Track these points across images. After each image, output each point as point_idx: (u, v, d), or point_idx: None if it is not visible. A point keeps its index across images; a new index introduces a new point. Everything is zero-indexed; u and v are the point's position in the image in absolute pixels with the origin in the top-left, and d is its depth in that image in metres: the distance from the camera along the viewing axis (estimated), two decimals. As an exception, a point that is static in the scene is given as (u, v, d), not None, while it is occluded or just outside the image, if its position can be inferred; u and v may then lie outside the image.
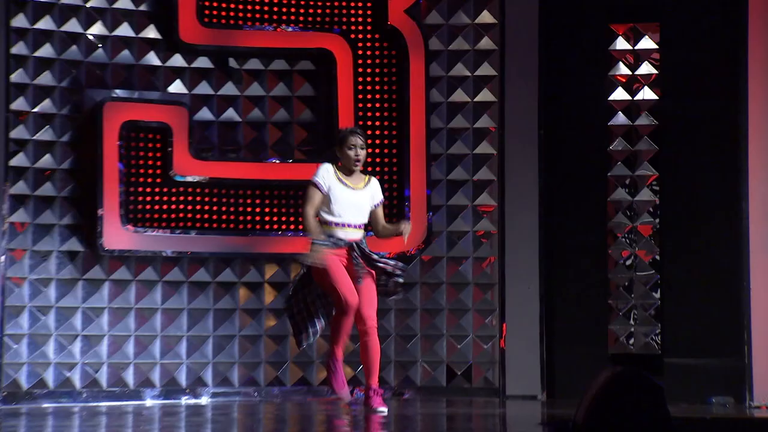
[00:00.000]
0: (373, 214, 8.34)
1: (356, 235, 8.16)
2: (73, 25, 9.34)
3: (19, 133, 9.14)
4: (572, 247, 9.70)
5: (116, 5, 9.46)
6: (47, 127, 9.26)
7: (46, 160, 9.23)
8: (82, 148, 9.30)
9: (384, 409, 8.07)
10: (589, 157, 9.73)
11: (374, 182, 8.35)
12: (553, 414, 8.05)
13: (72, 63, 9.33)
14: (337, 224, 8.09)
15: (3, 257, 9.10)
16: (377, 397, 8.15)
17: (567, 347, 9.67)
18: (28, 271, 9.16)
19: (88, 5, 9.35)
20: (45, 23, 9.27)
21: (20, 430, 6.85)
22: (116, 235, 9.28)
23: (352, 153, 8.12)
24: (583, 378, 8.87)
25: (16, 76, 9.07)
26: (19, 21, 9.11)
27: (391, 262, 8.22)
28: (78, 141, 9.29)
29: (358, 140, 8.16)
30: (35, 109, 9.20)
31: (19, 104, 9.10)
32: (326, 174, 8.12)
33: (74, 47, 9.32)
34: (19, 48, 9.09)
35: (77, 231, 9.29)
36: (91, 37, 9.37)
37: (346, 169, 8.19)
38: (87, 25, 9.39)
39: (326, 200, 8.09)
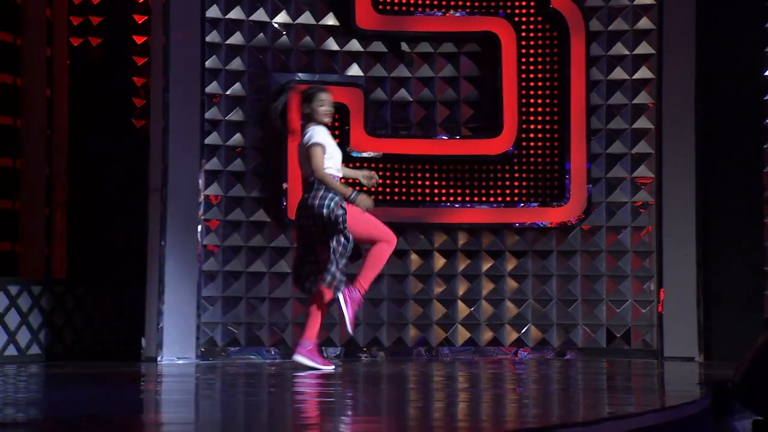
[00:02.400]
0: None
1: None
2: (260, 15, 9.15)
3: (213, 114, 8.99)
4: (728, 216, 9.21)
5: None
6: (237, 108, 9.08)
7: (236, 139, 9.05)
8: (268, 128, 9.02)
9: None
10: (744, 131, 9.23)
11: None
12: (711, 375, 7.72)
13: (259, 49, 9.13)
14: (339, 178, 7.87)
15: (200, 227, 9.16)
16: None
17: (723, 312, 9.17)
18: (221, 240, 9.02)
19: None
20: (236, 13, 9.06)
21: (216, 384, 6.83)
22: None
23: (323, 108, 7.78)
24: (740, 342, 8.43)
25: (211, 62, 8.92)
26: (213, 12, 8.96)
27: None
28: (264, 121, 9.02)
29: (329, 96, 7.81)
30: (227, 92, 9.02)
31: (212, 88, 8.94)
32: (325, 134, 7.81)
33: (261, 35, 9.13)
34: (213, 36, 8.94)
35: (264, 203, 9.11)
36: (276, 25, 9.18)
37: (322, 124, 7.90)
38: (273, 14, 9.19)
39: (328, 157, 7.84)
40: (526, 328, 9.59)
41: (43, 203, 9.53)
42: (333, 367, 7.89)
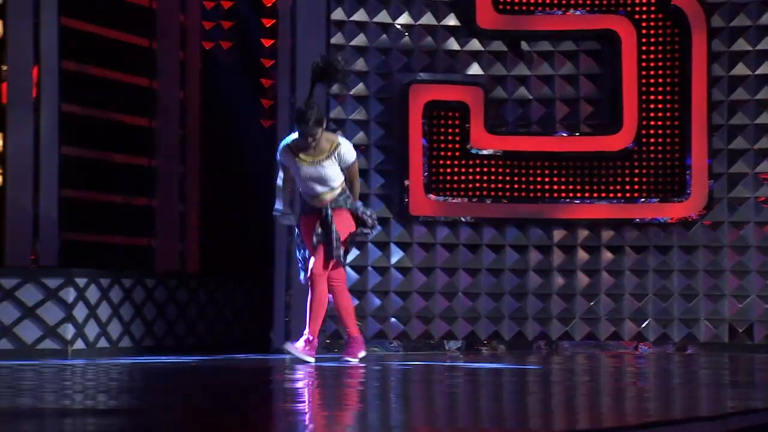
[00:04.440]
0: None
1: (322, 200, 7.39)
2: (383, 17, 8.77)
3: (337, 113, 8.68)
4: None
5: None
6: (360, 107, 8.76)
7: (360, 137, 8.68)
8: (391, 126, 8.77)
9: (352, 360, 7.48)
10: None
11: (340, 148, 7.37)
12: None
13: (382, 50, 8.78)
14: (304, 194, 7.45)
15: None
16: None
17: None
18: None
19: None
20: (360, 15, 8.73)
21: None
22: (421, 203, 8.74)
23: (301, 142, 7.30)
24: None
25: None
26: (338, 14, 8.65)
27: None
28: (387, 120, 8.78)
29: (308, 131, 7.22)
30: (350, 92, 8.71)
31: (337, 88, 8.50)
32: (282, 153, 7.47)
33: (384, 36, 8.78)
34: (337, 38, 8.64)
35: (386, 199, 8.77)
36: (399, 27, 8.81)
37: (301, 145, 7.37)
38: (396, 16, 8.81)
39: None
40: (646, 323, 9.07)
41: (177, 200, 9.48)
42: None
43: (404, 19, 8.89)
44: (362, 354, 7.59)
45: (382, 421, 4.10)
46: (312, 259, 7.37)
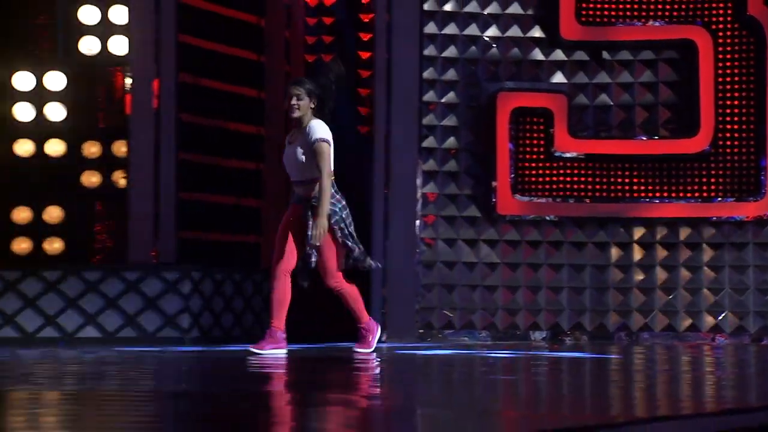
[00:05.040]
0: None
1: (305, 190, 6.72)
2: (472, 30, 8.83)
3: (429, 120, 8.76)
4: None
5: (508, 11, 8.89)
6: (451, 114, 8.82)
7: (450, 142, 8.76)
8: (479, 132, 8.82)
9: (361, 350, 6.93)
10: None
11: (310, 127, 6.69)
12: None
13: (471, 61, 8.83)
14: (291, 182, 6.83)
15: (418, 221, 9.07)
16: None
17: None
18: (437, 233, 8.77)
19: (485, 12, 8.85)
20: (450, 29, 8.80)
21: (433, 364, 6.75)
22: (507, 203, 8.78)
23: (286, 103, 6.76)
24: None
25: (427, 74, 8.70)
26: (430, 28, 8.73)
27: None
28: (476, 126, 8.83)
29: (292, 89, 6.74)
30: (442, 100, 8.77)
31: (429, 96, 8.71)
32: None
33: (473, 48, 8.83)
34: (429, 50, 8.73)
35: (475, 200, 8.81)
36: (486, 39, 8.88)
37: (294, 125, 6.79)
38: (484, 28, 8.88)
39: None
40: (723, 315, 9.04)
41: (282, 202, 9.64)
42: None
43: (492, 31, 8.95)
44: (278, 351, 6.85)
45: (470, 405, 4.14)
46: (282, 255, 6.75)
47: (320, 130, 6.69)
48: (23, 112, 8.66)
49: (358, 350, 7.05)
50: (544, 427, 3.42)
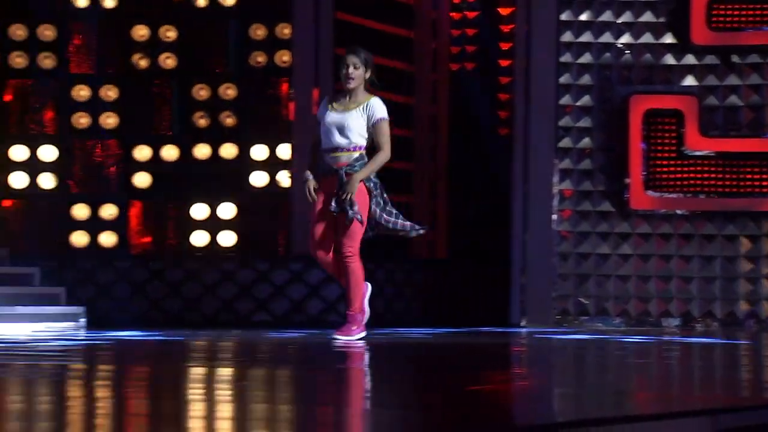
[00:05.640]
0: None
1: (344, 159, 6.22)
2: (607, 37, 8.91)
3: (565, 122, 8.85)
4: None
5: (641, 19, 8.90)
6: (586, 116, 8.90)
7: (585, 142, 8.85)
8: (612, 132, 8.88)
9: (342, 338, 6.30)
10: None
11: (371, 102, 6.28)
12: None
13: (605, 66, 8.91)
14: (325, 150, 6.29)
15: (554, 216, 9.04)
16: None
17: None
18: (573, 227, 8.86)
19: (619, 21, 8.88)
20: (586, 37, 8.89)
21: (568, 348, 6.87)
22: (640, 199, 8.83)
23: (343, 72, 6.30)
24: None
25: (563, 79, 8.80)
26: (567, 37, 8.83)
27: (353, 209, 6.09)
28: (609, 127, 8.90)
29: (351, 57, 6.28)
30: (577, 103, 8.86)
31: (565, 100, 8.82)
32: (321, 107, 6.44)
33: (607, 54, 8.90)
34: (566, 57, 8.83)
35: (609, 196, 8.86)
36: (620, 45, 8.93)
37: (343, 93, 6.32)
38: (617, 36, 8.93)
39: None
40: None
41: (429, 197, 9.88)
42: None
43: (626, 38, 9.00)
44: (360, 334, 6.38)
45: (605, 386, 4.24)
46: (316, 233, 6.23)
47: (382, 109, 6.32)
48: (202, 120, 9.08)
49: (338, 337, 6.38)
50: (675, 408, 3.47)
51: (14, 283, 8.09)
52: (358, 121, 6.23)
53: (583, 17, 8.95)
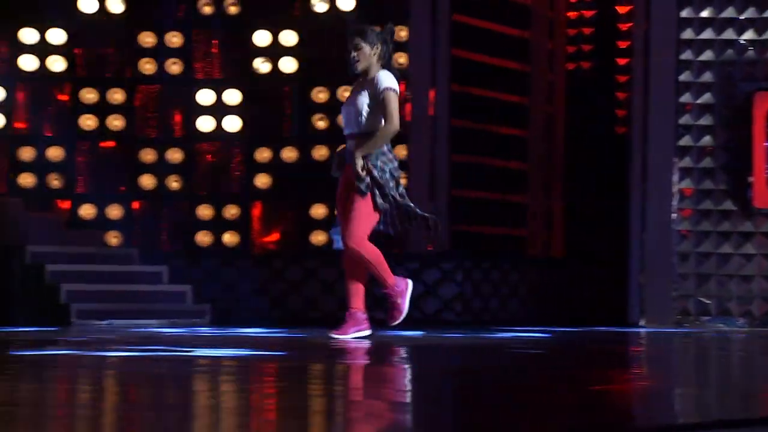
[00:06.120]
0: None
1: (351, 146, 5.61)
2: (729, 34, 8.37)
3: (685, 120, 8.35)
4: None
5: (765, 15, 8.38)
6: (707, 114, 8.39)
7: (706, 140, 8.31)
8: (735, 130, 8.33)
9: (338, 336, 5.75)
10: None
11: (377, 78, 5.63)
12: None
13: (727, 63, 8.37)
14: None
15: (674, 215, 8.87)
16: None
17: None
18: (693, 226, 8.39)
19: (742, 17, 8.38)
20: (707, 34, 8.40)
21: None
22: (764, 197, 8.30)
23: (349, 56, 5.69)
24: None
25: (684, 77, 8.33)
26: (687, 34, 8.36)
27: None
28: (731, 124, 8.34)
29: (352, 39, 5.71)
30: (698, 101, 8.36)
31: (685, 98, 8.32)
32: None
33: (730, 51, 8.36)
34: (686, 55, 8.35)
35: (731, 194, 8.34)
36: (743, 42, 8.38)
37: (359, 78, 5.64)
38: (740, 32, 8.40)
39: None
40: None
41: (544, 197, 9.70)
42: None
43: (749, 35, 8.61)
44: (357, 333, 5.88)
45: (730, 386, 4.00)
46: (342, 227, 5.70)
47: (388, 79, 5.62)
48: (320, 122, 9.11)
49: (334, 336, 5.88)
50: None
51: (144, 282, 8.17)
52: (371, 103, 5.59)
53: (705, 14, 8.56)
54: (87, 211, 8.91)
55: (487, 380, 4.12)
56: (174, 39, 8.93)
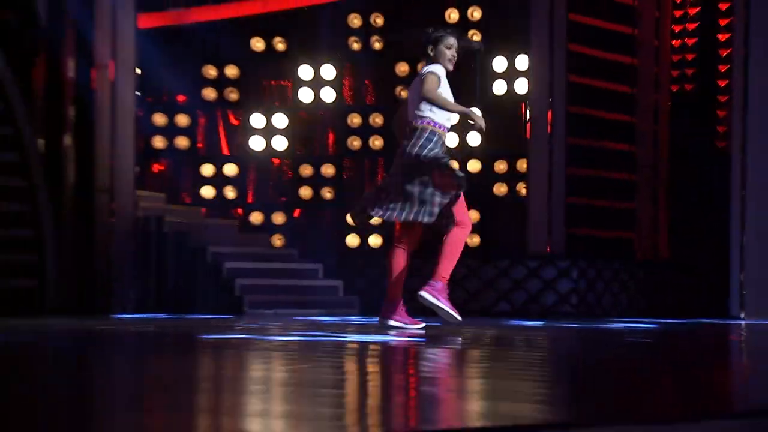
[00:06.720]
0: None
1: None
2: None
3: None
4: None
5: None
6: None
7: None
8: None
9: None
10: None
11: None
12: None
13: None
14: (448, 129, 5.18)
15: None
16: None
17: None
18: None
19: None
20: None
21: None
22: None
23: (449, 53, 5.16)
24: None
25: None
26: None
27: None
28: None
29: (455, 41, 5.19)
30: None
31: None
32: (443, 74, 5.13)
33: None
34: None
35: None
36: None
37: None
38: None
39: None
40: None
41: (651, 205, 9.46)
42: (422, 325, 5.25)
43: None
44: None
45: None
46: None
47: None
48: (451, 139, 9.11)
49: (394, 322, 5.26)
50: None
51: (302, 277, 8.35)
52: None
53: (801, 36, 8.24)
54: (256, 217, 9.20)
55: (607, 364, 4.01)
56: (327, 72, 9.13)
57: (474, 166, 8.84)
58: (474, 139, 8.91)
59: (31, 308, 6.86)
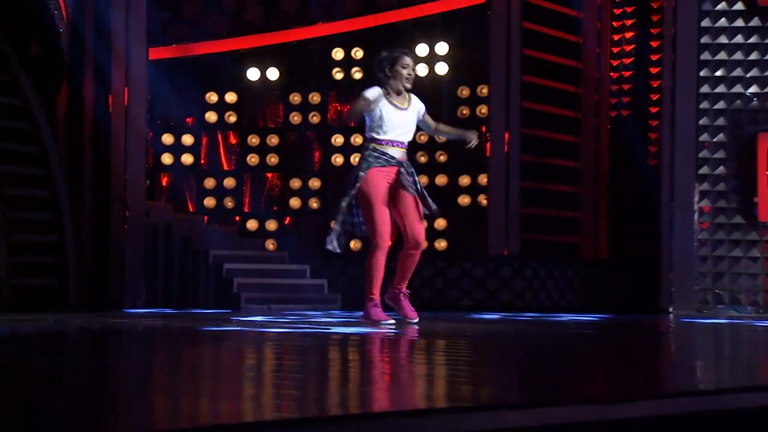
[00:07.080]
0: (422, 124, 5.21)
1: (403, 154, 5.11)
2: (737, 89, 8.07)
3: (704, 154, 8.09)
4: None
5: (766, 74, 8.06)
6: (720, 149, 8.06)
7: (720, 169, 8.07)
8: (743, 162, 7.96)
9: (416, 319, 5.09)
10: None
11: (414, 98, 5.17)
12: None
13: (736, 111, 8.05)
14: (387, 142, 5.07)
15: (696, 227, 7.99)
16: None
17: None
18: (711, 235, 8.15)
19: (747, 75, 8.05)
20: (720, 88, 8.08)
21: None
22: (766, 213, 7.99)
23: (405, 72, 5.01)
24: None
25: (702, 121, 8.03)
26: (705, 89, 8.03)
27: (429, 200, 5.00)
28: (740, 158, 7.98)
29: (411, 61, 5.06)
30: (714, 140, 8.05)
31: (704, 137, 8.03)
32: (376, 93, 4.98)
33: (738, 101, 8.03)
34: (704, 104, 8.04)
35: (740, 211, 8.05)
36: (749, 95, 8.06)
37: (394, 90, 5.04)
38: (746, 87, 8.06)
39: (376, 120, 4.98)
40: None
41: (593, 213, 9.51)
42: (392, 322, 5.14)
43: (754, 89, 8.27)
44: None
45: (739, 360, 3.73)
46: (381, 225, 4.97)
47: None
48: (422, 158, 9.09)
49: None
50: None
51: (292, 277, 8.35)
52: (413, 118, 5.17)
53: (719, 73, 8.36)
54: (252, 224, 9.19)
55: (554, 352, 4.03)
56: (314, 98, 9.15)
57: (441, 179, 8.91)
58: (441, 156, 8.94)
59: (54, 305, 6.81)
